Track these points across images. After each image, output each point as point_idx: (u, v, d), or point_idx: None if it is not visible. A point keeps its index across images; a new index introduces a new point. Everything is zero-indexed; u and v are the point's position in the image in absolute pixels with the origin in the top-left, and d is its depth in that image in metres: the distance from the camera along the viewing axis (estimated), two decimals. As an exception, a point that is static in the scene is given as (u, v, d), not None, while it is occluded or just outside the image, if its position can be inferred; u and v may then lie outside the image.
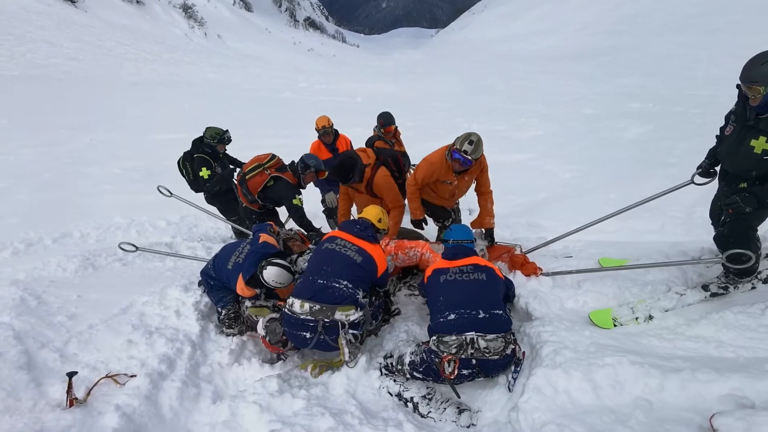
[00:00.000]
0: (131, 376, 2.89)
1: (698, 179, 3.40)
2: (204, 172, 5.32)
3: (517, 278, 3.62)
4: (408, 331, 3.49)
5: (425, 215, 4.60)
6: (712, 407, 2.03)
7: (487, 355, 2.69)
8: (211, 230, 6.33)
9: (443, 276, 3.06)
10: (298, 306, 3.06)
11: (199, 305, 3.78)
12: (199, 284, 3.93)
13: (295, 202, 4.68)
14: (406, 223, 4.83)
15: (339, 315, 3.02)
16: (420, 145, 7.22)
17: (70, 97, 16.26)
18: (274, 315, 3.36)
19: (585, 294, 3.50)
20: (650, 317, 3.13)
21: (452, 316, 2.82)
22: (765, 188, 2.83)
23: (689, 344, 2.69)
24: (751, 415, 1.91)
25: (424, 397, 2.85)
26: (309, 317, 3.01)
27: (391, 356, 3.07)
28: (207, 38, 36.97)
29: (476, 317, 2.77)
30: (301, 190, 4.84)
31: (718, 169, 3.26)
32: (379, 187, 4.38)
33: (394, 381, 2.96)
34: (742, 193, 2.89)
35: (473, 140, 3.77)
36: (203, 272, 3.79)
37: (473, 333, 2.72)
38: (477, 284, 2.96)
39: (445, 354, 2.72)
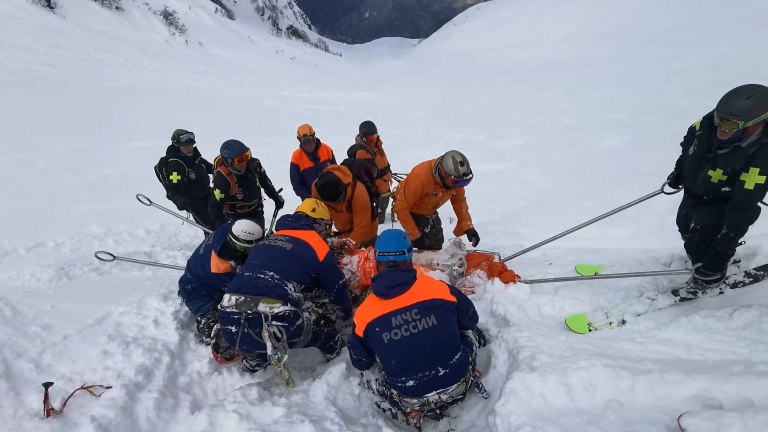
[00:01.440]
0: (107, 388, 2.84)
1: (668, 189, 3.53)
2: (174, 177, 5.29)
3: (496, 285, 3.68)
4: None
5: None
6: (680, 408, 2.10)
7: (449, 401, 2.64)
8: (192, 239, 6.28)
9: (386, 334, 2.53)
10: (226, 300, 2.97)
11: (178, 314, 3.73)
12: (179, 294, 3.90)
13: (215, 193, 4.84)
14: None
15: (263, 307, 2.88)
16: (402, 154, 7.32)
17: (47, 104, 15.94)
18: None
19: (562, 300, 3.58)
20: (623, 321, 3.22)
21: (411, 383, 2.53)
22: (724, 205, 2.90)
23: (659, 347, 2.78)
24: (718, 416, 1.97)
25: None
26: (234, 310, 2.90)
27: (362, 374, 3.01)
28: (188, 45, 36.69)
29: (436, 376, 2.52)
30: (229, 184, 4.86)
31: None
32: (356, 206, 4.45)
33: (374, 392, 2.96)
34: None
35: (463, 161, 3.93)
36: (181, 280, 3.76)
37: (434, 393, 2.55)
38: (428, 334, 2.51)
39: (408, 410, 2.64)
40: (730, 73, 14.40)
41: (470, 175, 3.98)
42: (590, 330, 3.22)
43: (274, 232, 3.46)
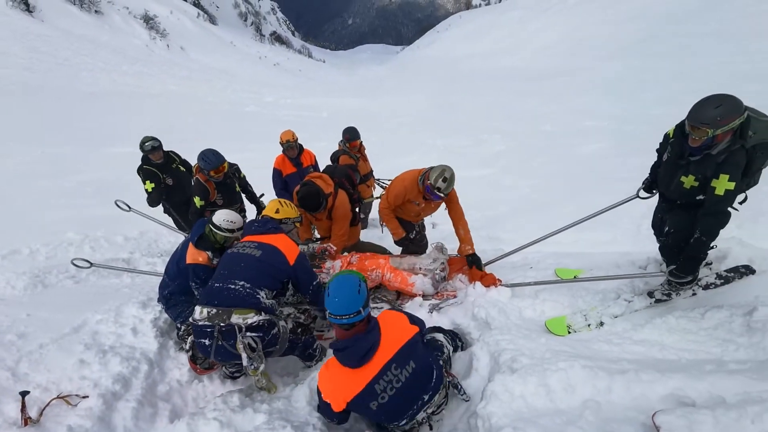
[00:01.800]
0: (83, 397, 2.78)
1: (642, 194, 3.64)
2: (147, 185, 5.23)
3: (477, 289, 3.72)
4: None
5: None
6: (655, 406, 2.16)
7: (436, 412, 2.61)
8: (172, 245, 6.18)
9: (374, 403, 2.32)
10: (197, 312, 2.92)
11: (158, 322, 3.68)
12: (158, 300, 3.84)
13: (194, 200, 4.84)
14: (370, 237, 4.91)
15: (236, 318, 2.85)
16: (385, 160, 7.35)
17: (22, 108, 15.55)
18: None
19: (542, 303, 3.64)
20: (601, 323, 3.29)
21: (404, 421, 2.46)
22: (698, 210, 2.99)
23: (635, 348, 2.85)
24: (691, 413, 2.03)
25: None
26: (207, 323, 2.86)
27: None
28: (169, 50, 36.25)
29: (422, 403, 2.45)
30: (208, 191, 4.85)
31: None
32: (336, 215, 4.45)
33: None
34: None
35: (447, 177, 3.89)
36: (160, 286, 3.70)
37: (422, 413, 2.49)
38: (412, 380, 2.36)
39: None
40: (699, 82, 14.86)
41: (442, 195, 3.93)
42: (569, 332, 3.28)
43: (241, 238, 3.38)
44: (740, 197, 2.96)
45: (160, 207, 5.57)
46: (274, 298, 3.16)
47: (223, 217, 3.39)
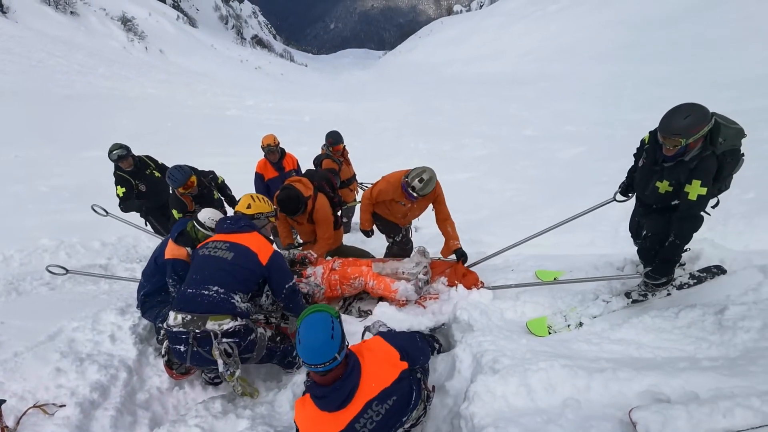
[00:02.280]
0: (60, 406, 2.72)
1: (619, 197, 3.74)
2: (119, 190, 5.17)
3: (460, 291, 3.76)
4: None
5: (373, 228, 4.78)
6: (631, 403, 2.21)
7: (416, 424, 2.53)
8: (151, 251, 6.07)
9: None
10: (171, 318, 2.86)
11: (137, 328, 3.61)
12: (137, 306, 3.76)
13: (173, 213, 4.81)
14: (353, 241, 4.91)
15: (211, 325, 2.80)
16: (368, 164, 7.37)
17: (-7, 111, 15.08)
18: None
19: (523, 305, 3.70)
20: (580, 324, 3.36)
21: None
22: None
23: (613, 347, 2.92)
24: (666, 409, 2.10)
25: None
26: (182, 329, 2.80)
27: None
28: (148, 52, 35.66)
29: (401, 424, 2.34)
30: (185, 203, 4.83)
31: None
32: (317, 218, 4.45)
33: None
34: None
35: (424, 178, 3.98)
36: (138, 290, 3.63)
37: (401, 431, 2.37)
38: (393, 413, 2.24)
39: None
40: (676, 89, 15.32)
41: (416, 195, 4.04)
42: (550, 333, 3.34)
43: (211, 236, 3.26)
44: (712, 201, 3.07)
45: (138, 212, 5.48)
46: (251, 299, 3.12)
47: (208, 215, 3.40)
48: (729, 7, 25.74)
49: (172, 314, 2.88)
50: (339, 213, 4.87)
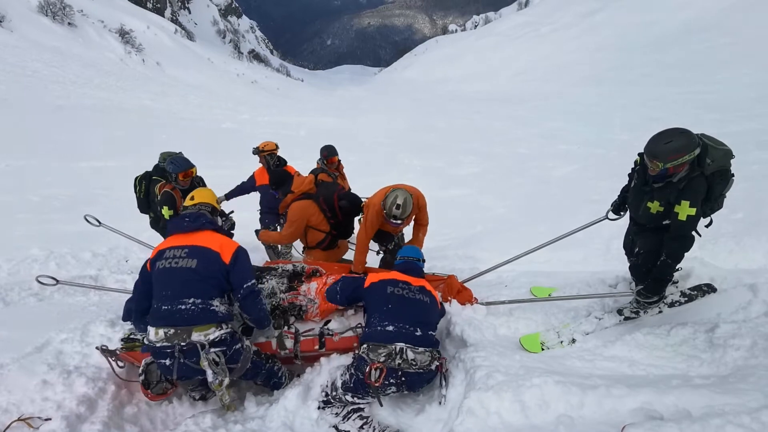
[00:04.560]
0: (46, 419, 2.66)
1: (611, 215, 3.79)
2: (165, 212, 5.17)
3: (453, 307, 3.75)
4: (342, 365, 3.44)
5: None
6: (625, 420, 2.22)
7: (413, 367, 2.78)
8: (143, 262, 6.02)
9: (391, 288, 3.11)
10: (153, 334, 2.74)
11: (127, 339, 3.55)
12: (123, 318, 3.66)
13: (163, 212, 4.78)
14: (348, 254, 4.91)
15: (197, 336, 2.72)
16: (362, 179, 7.38)
17: (-14, 120, 14.99)
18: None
19: (516, 321, 3.71)
20: (573, 340, 3.37)
21: (390, 327, 2.91)
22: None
23: (606, 364, 2.93)
24: (658, 426, 2.10)
25: (360, 428, 2.84)
26: (166, 344, 2.70)
27: (328, 386, 3.05)
28: (145, 65, 35.79)
29: (413, 333, 2.91)
30: (175, 199, 4.80)
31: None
32: (288, 213, 4.45)
33: (335, 415, 2.94)
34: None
35: (399, 204, 3.93)
36: (126, 301, 3.55)
37: (404, 344, 2.84)
38: (421, 305, 3.08)
39: (373, 361, 2.77)
40: (665, 110, 15.66)
41: (399, 221, 4.01)
42: (543, 349, 3.34)
43: (168, 235, 3.07)
44: (705, 221, 3.13)
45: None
46: (229, 299, 3.03)
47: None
48: (717, 32, 26.51)
49: (152, 330, 2.76)
50: (334, 234, 4.75)
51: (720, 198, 3.06)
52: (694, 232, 2.98)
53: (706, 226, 3.18)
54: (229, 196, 5.90)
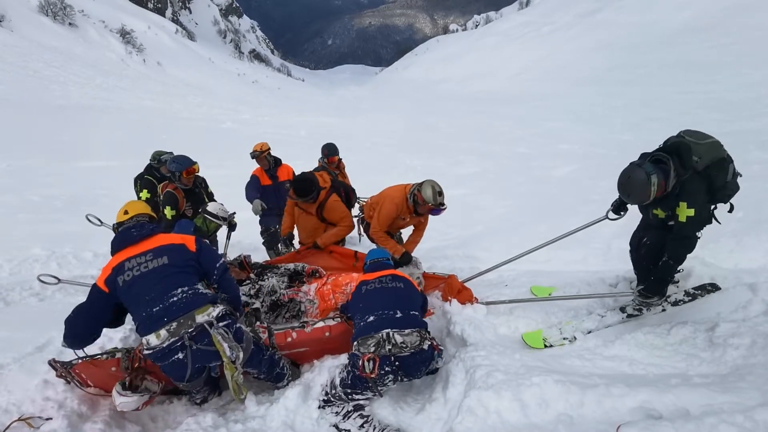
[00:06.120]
0: (47, 419, 2.67)
1: (611, 215, 3.79)
2: (144, 194, 5.20)
3: (453, 306, 3.76)
4: (341, 364, 3.44)
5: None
6: (624, 419, 2.22)
7: (404, 350, 2.80)
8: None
9: (365, 286, 3.27)
10: (153, 339, 2.63)
11: (128, 340, 3.57)
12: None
13: (166, 212, 4.73)
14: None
15: (201, 318, 2.67)
16: (363, 178, 7.40)
17: (-14, 120, 15.03)
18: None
19: (516, 320, 3.72)
20: (574, 338, 3.38)
21: (371, 318, 3.00)
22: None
23: (606, 363, 2.94)
24: (653, 425, 2.11)
25: (361, 427, 2.85)
26: (173, 339, 2.61)
27: (328, 385, 3.06)
28: (146, 64, 35.82)
29: (393, 317, 2.97)
30: (177, 199, 4.75)
31: (628, 206, 3.67)
32: (329, 210, 4.54)
33: (336, 414, 2.95)
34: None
35: (440, 192, 4.18)
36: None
37: (389, 329, 2.89)
38: (396, 290, 3.20)
39: (365, 353, 2.81)
40: (664, 110, 15.65)
41: (445, 206, 4.20)
42: (545, 346, 3.35)
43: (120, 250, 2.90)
44: (726, 207, 3.21)
45: None
46: (208, 284, 3.01)
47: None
48: (718, 32, 26.48)
49: (151, 336, 2.63)
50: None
51: (728, 184, 3.09)
52: (698, 233, 3.02)
53: (729, 212, 3.25)
54: (252, 199, 5.68)
